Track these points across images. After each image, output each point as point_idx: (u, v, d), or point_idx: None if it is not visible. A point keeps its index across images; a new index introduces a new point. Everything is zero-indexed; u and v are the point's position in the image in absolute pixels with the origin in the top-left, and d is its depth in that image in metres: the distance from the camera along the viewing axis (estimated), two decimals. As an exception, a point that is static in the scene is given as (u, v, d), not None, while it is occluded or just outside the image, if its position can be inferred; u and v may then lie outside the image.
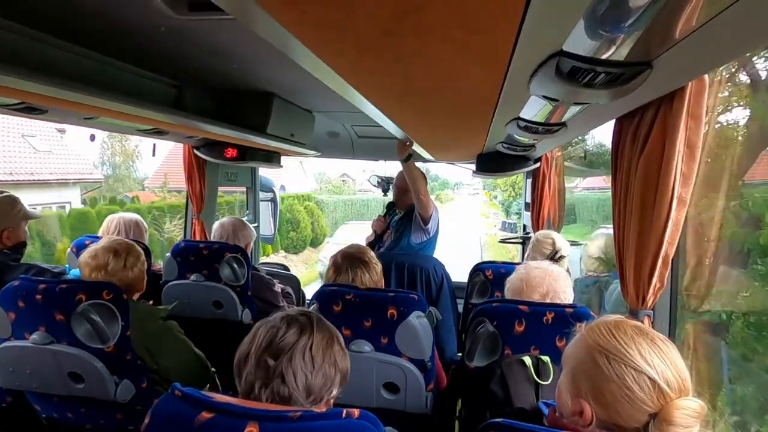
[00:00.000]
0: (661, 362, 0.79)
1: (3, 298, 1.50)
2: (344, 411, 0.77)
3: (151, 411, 0.81)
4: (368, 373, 1.53)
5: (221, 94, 2.44)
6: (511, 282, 1.58)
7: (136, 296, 1.70)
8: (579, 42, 0.86)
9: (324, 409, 0.80)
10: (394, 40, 0.84)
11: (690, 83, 1.20)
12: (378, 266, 1.74)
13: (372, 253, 1.78)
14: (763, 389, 2.49)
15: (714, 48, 0.87)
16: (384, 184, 3.24)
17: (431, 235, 2.75)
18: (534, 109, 1.43)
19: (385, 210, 3.00)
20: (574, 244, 3.28)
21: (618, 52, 0.88)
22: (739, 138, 3.02)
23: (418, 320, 1.50)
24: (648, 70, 0.96)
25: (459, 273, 2.94)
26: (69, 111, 1.78)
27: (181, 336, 1.70)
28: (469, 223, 23.47)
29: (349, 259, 1.71)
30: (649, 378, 0.77)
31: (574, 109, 1.35)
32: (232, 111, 2.43)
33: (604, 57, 0.90)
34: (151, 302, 1.78)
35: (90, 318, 1.46)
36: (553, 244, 2.35)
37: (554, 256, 2.33)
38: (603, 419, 0.80)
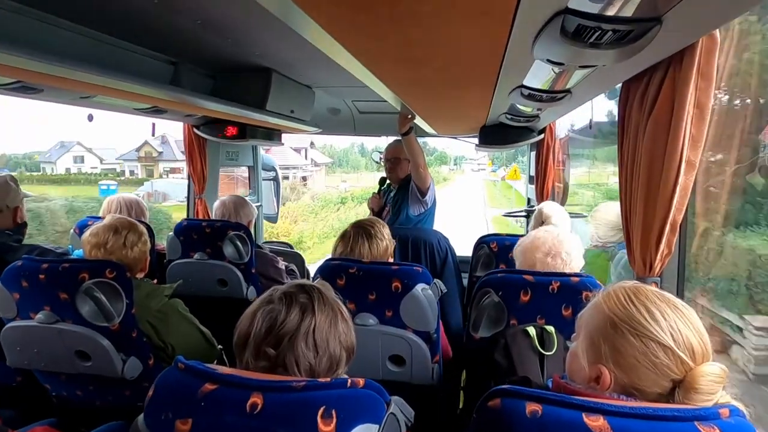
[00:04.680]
0: (685, 328, 0.77)
1: (6, 278, 1.50)
2: (349, 380, 0.76)
3: (155, 383, 0.81)
4: (374, 346, 1.53)
5: (219, 71, 2.41)
6: (521, 241, 1.61)
7: (139, 275, 1.70)
8: (585, -2, 0.82)
9: (329, 379, 0.78)
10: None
11: (700, 41, 1.16)
12: (385, 239, 1.71)
13: (381, 226, 1.74)
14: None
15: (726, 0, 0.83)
16: None
17: (429, 206, 2.76)
18: (538, 76, 1.39)
19: (378, 186, 3.00)
20: (578, 216, 3.26)
21: (626, 8, 0.85)
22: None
23: (422, 292, 1.49)
24: (657, 26, 0.92)
25: (464, 247, 2.93)
26: (65, 90, 1.76)
27: (186, 313, 1.70)
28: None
29: (356, 230, 1.70)
30: (675, 347, 0.75)
31: (579, 75, 1.31)
32: (231, 87, 2.40)
33: (611, 14, 0.87)
34: (155, 281, 1.77)
35: (94, 296, 1.45)
36: (542, 214, 2.35)
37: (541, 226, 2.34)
38: (623, 384, 0.78)
